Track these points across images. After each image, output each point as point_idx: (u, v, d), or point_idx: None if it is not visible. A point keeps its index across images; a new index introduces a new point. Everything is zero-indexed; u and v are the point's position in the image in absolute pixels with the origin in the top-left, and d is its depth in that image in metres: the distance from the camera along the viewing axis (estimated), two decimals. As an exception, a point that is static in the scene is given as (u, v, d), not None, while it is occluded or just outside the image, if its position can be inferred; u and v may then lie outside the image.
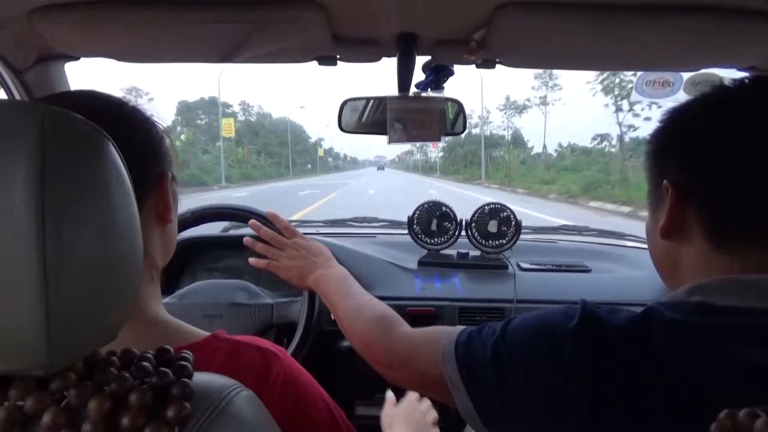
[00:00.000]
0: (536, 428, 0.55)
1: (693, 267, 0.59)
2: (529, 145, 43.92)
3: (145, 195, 0.60)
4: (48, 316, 0.34)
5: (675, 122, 0.63)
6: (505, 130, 42.67)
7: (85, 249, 0.36)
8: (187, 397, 0.40)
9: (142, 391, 0.39)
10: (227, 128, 43.03)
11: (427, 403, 1.10)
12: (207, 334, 0.61)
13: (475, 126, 42.51)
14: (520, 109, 39.29)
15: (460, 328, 0.66)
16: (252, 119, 67.11)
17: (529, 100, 38.36)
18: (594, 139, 33.59)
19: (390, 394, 1.15)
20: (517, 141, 42.31)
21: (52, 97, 0.61)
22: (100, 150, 0.39)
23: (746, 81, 0.60)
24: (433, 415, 1.08)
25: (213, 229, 1.83)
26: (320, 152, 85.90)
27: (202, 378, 0.44)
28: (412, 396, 1.11)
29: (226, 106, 60.17)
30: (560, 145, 37.26)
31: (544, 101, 35.74)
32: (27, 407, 0.37)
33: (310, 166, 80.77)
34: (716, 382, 0.48)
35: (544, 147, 36.54)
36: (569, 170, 26.30)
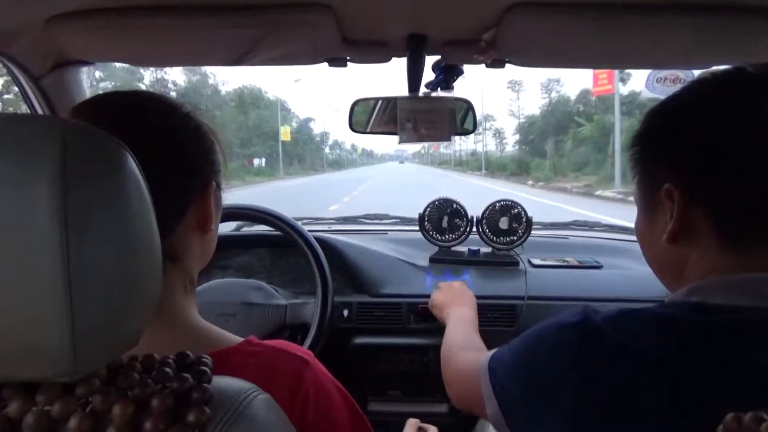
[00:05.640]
0: (554, 429, 0.57)
1: (698, 268, 0.58)
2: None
3: (189, 204, 0.60)
4: (73, 325, 0.35)
5: (666, 123, 0.61)
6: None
7: (106, 259, 0.37)
8: (206, 402, 0.41)
9: (164, 396, 0.40)
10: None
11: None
12: (240, 339, 0.61)
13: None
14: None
15: (505, 346, 0.68)
16: (165, 76, 36.52)
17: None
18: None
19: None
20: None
21: (104, 97, 0.60)
22: (119, 163, 0.40)
23: (738, 71, 0.57)
24: None
25: (224, 227, 1.86)
26: (284, 134, 44.13)
27: (220, 382, 0.45)
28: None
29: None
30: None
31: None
32: (54, 412, 0.38)
33: (259, 161, 41.58)
34: (710, 379, 0.48)
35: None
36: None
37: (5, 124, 0.37)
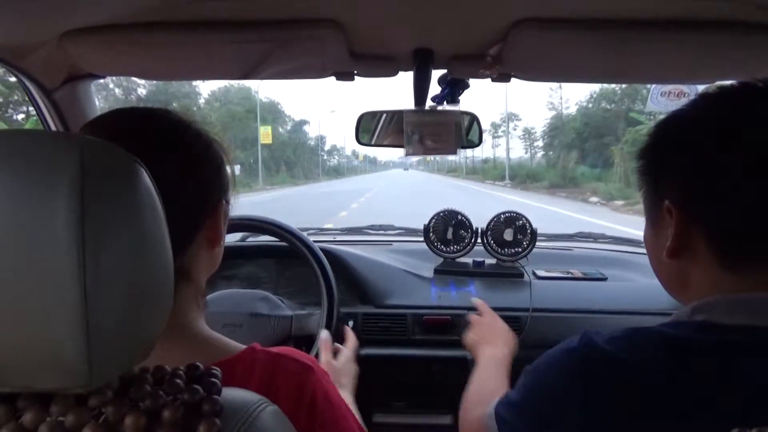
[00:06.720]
0: None
1: (702, 285, 0.58)
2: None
3: (201, 222, 0.60)
4: (88, 338, 0.36)
5: (667, 138, 0.61)
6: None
7: (121, 274, 0.38)
8: (217, 414, 0.42)
9: (175, 407, 0.41)
10: None
11: None
12: (243, 347, 0.62)
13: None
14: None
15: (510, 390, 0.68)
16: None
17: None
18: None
19: None
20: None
21: (116, 114, 0.61)
22: (135, 179, 0.41)
23: (739, 90, 0.58)
24: None
25: (230, 237, 1.86)
26: (265, 137, 38.05)
27: (230, 394, 0.46)
28: None
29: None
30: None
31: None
32: (68, 423, 0.39)
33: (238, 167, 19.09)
34: (716, 397, 0.48)
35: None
36: None
37: (24, 141, 0.38)
